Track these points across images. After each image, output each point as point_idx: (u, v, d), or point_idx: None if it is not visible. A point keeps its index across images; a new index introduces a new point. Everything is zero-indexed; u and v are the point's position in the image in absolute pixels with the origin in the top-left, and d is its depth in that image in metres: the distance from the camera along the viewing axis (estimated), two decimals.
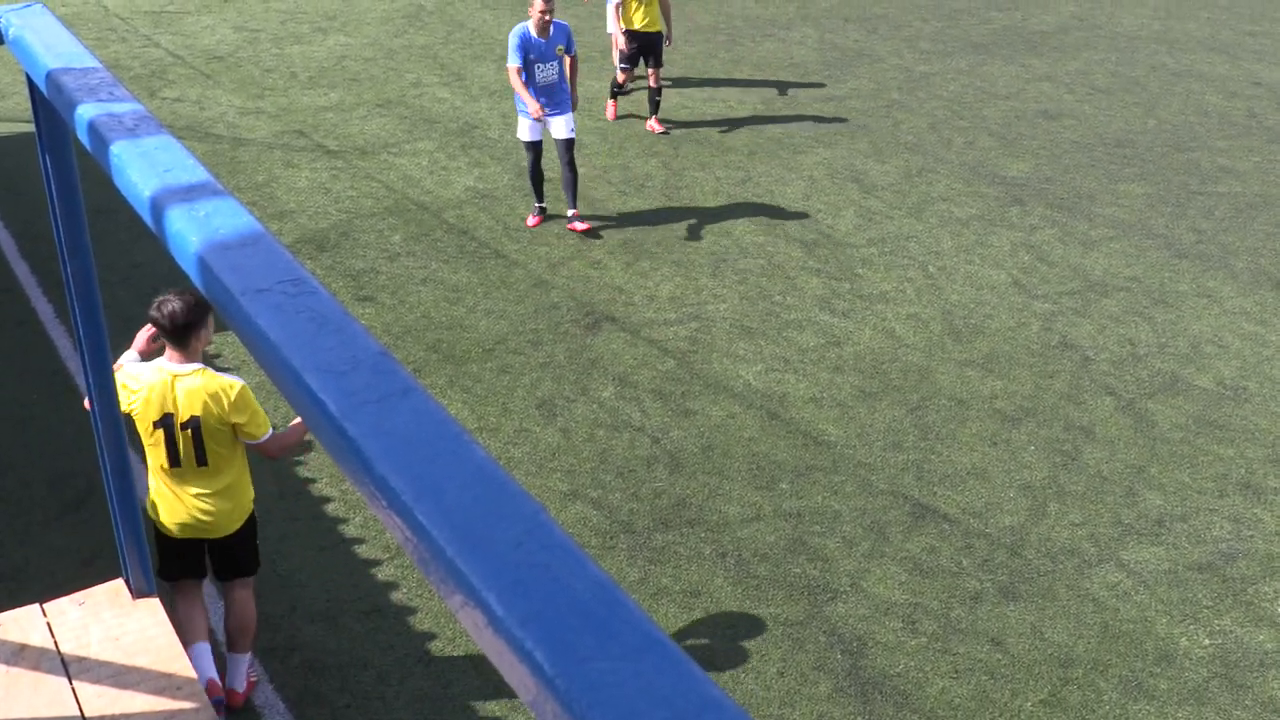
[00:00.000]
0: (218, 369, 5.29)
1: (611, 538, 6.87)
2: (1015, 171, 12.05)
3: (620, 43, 12.53)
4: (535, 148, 10.26)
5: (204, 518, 5.23)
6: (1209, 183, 11.95)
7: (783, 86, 14.26)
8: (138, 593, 4.83)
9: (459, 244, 10.16)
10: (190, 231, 2.04)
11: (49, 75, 2.85)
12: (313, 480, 7.24)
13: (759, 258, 10.08)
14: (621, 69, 12.84)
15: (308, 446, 7.51)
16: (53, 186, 3.71)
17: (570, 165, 10.26)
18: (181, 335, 4.98)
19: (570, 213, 10.45)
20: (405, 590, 6.42)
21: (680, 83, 14.26)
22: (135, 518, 4.62)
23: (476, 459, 1.50)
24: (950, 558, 6.81)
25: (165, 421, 5.05)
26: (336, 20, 16.31)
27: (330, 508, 7.02)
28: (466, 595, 1.32)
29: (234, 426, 5.10)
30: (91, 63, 2.87)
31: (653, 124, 12.79)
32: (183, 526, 5.25)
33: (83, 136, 2.59)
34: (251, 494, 5.40)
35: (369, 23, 16.26)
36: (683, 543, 6.85)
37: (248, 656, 5.64)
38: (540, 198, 10.58)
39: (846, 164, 12.07)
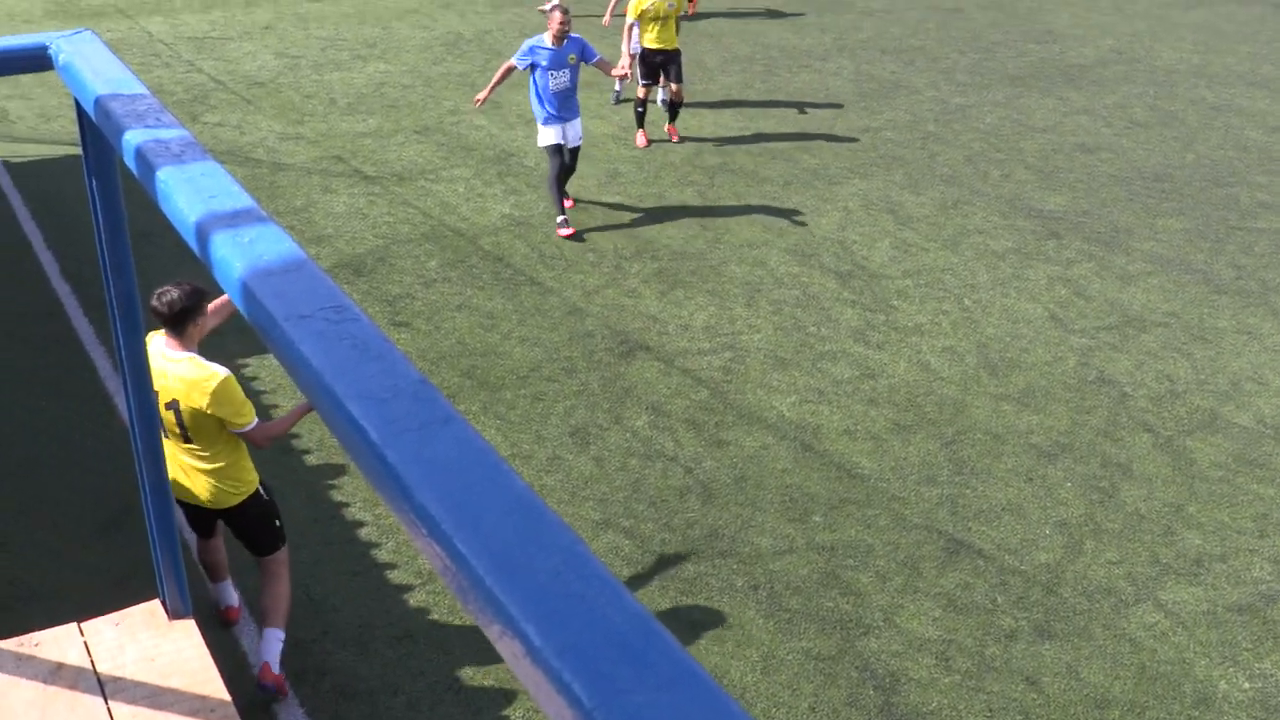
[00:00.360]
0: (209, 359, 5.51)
1: (642, 567, 6.86)
2: (1052, 205, 12.00)
3: (632, 62, 12.90)
4: (557, 152, 10.81)
5: (198, 488, 5.54)
6: (1248, 218, 11.86)
7: (819, 117, 14.28)
8: (174, 614, 4.86)
9: (494, 271, 10.21)
10: (235, 257, 2.06)
11: (97, 101, 2.89)
12: (346, 505, 7.27)
13: (793, 288, 10.08)
14: (643, 84, 13.03)
15: (340, 470, 7.54)
16: (98, 209, 3.75)
17: (573, 166, 11.08)
18: (178, 322, 5.27)
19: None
20: (437, 616, 6.42)
21: (716, 112, 14.31)
22: (173, 538, 4.65)
23: (515, 488, 1.50)
24: (985, 594, 6.75)
25: (172, 407, 5.39)
26: (376, 48, 16.47)
27: (363, 532, 7.04)
28: (505, 625, 1.32)
29: (217, 416, 5.36)
30: (139, 89, 2.91)
31: (669, 129, 13.32)
32: (182, 492, 5.60)
33: (130, 162, 2.62)
34: (250, 475, 5.63)
35: (408, 50, 16.41)
36: (714, 574, 6.83)
37: (279, 632, 5.80)
38: (561, 209, 11.01)
39: (882, 195, 12.06)
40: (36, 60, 3.38)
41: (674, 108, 13.26)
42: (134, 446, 4.37)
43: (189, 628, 4.86)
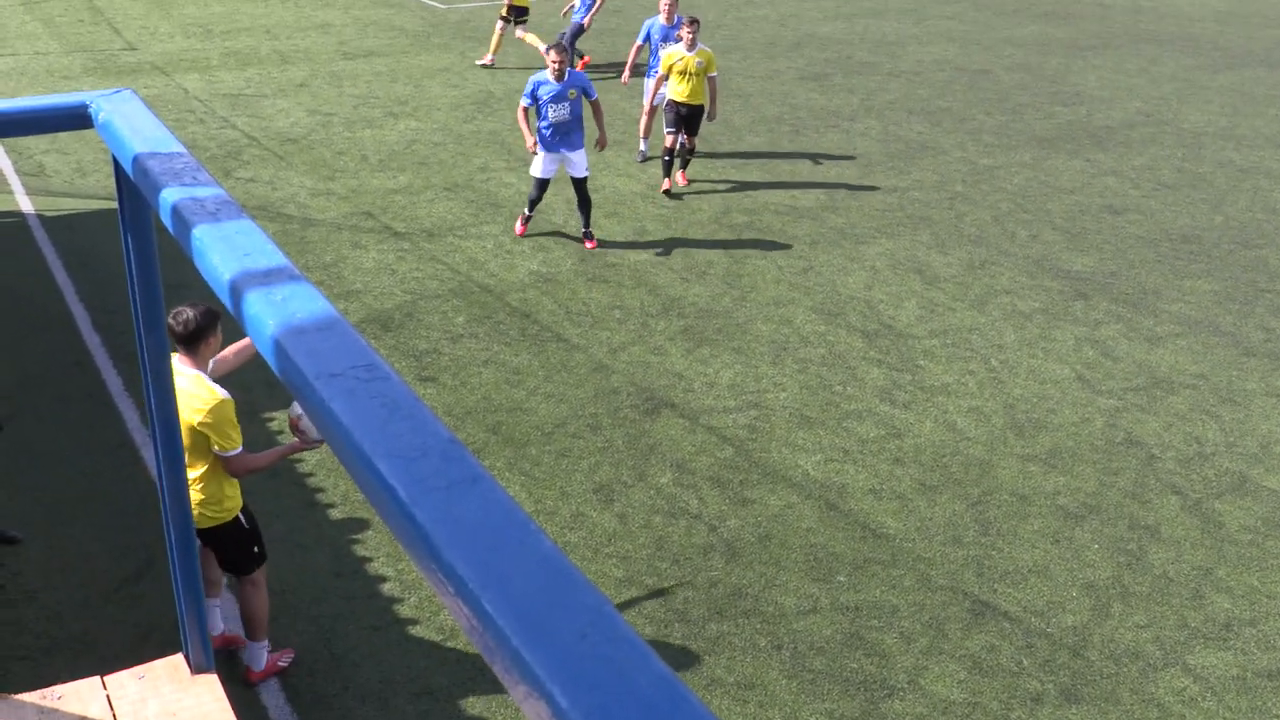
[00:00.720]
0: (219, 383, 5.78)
1: (666, 626, 6.82)
2: (1080, 266, 11.99)
3: (653, 114, 13.79)
4: (542, 185, 11.72)
5: None
6: (1278, 280, 11.82)
7: (846, 177, 14.34)
8: (196, 668, 4.86)
9: (521, 327, 10.26)
10: (268, 315, 2.09)
11: (135, 159, 2.94)
12: (369, 559, 7.27)
13: (820, 347, 10.08)
14: (668, 133, 13.48)
15: (364, 525, 7.55)
16: (133, 264, 3.80)
17: (584, 198, 11.80)
18: (192, 341, 5.63)
19: (584, 230, 12.00)
20: (459, 673, 6.40)
21: (744, 171, 14.40)
22: (197, 592, 4.67)
23: (543, 549, 1.51)
24: (1011, 657, 6.68)
25: None
26: (408, 105, 16.67)
27: (386, 587, 7.04)
28: (531, 685, 1.32)
29: (205, 434, 5.68)
30: (176, 148, 2.96)
31: (679, 177, 13.85)
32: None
33: (166, 219, 2.66)
34: (231, 503, 5.90)
35: (439, 108, 16.59)
36: (738, 633, 6.78)
37: (262, 643, 6.25)
38: (530, 211, 12.00)
39: (909, 255, 12.08)
40: (77, 118, 3.44)
41: (686, 158, 13.84)
42: (161, 500, 4.39)
43: (211, 682, 4.86)
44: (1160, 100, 18.30)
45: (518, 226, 12.23)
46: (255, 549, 6.08)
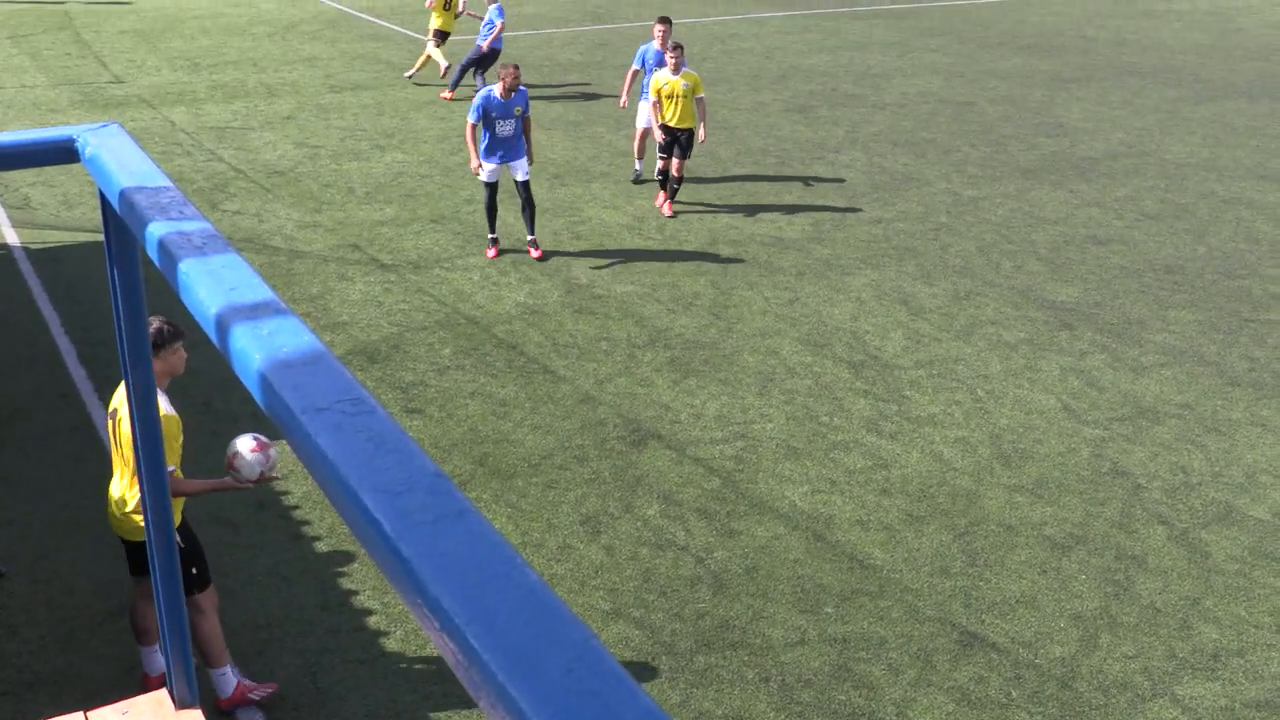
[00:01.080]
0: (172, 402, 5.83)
1: (653, 659, 6.80)
2: (1064, 296, 12.05)
3: (656, 135, 13.96)
4: (491, 188, 12.36)
5: (112, 511, 5.99)
6: (1261, 310, 11.89)
7: (831, 209, 14.41)
8: (180, 703, 4.82)
9: (508, 359, 10.26)
10: (254, 349, 2.09)
11: (122, 193, 2.94)
12: (355, 592, 7.24)
13: (806, 378, 10.10)
14: (661, 157, 13.99)
15: (350, 558, 7.52)
16: (119, 298, 3.79)
17: (528, 201, 12.43)
18: None
19: (529, 239, 12.63)
20: (444, 706, 6.36)
21: (730, 203, 14.46)
22: (182, 626, 4.63)
23: (529, 583, 1.51)
24: (999, 688, 6.68)
25: (112, 416, 5.91)
26: (394, 138, 16.72)
27: (372, 620, 7.01)
28: None
29: None
30: (163, 181, 2.96)
31: (666, 206, 14.10)
32: (108, 516, 6.09)
33: (152, 253, 2.66)
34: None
35: (426, 141, 16.64)
36: (725, 666, 6.77)
37: (222, 670, 6.21)
38: (493, 230, 12.58)
39: (894, 286, 12.13)
40: (64, 152, 3.44)
41: (674, 187, 14.02)
42: (147, 535, 4.37)
43: (196, 718, 4.82)
44: (1143, 131, 18.44)
45: (489, 252, 12.55)
46: (193, 570, 5.98)
